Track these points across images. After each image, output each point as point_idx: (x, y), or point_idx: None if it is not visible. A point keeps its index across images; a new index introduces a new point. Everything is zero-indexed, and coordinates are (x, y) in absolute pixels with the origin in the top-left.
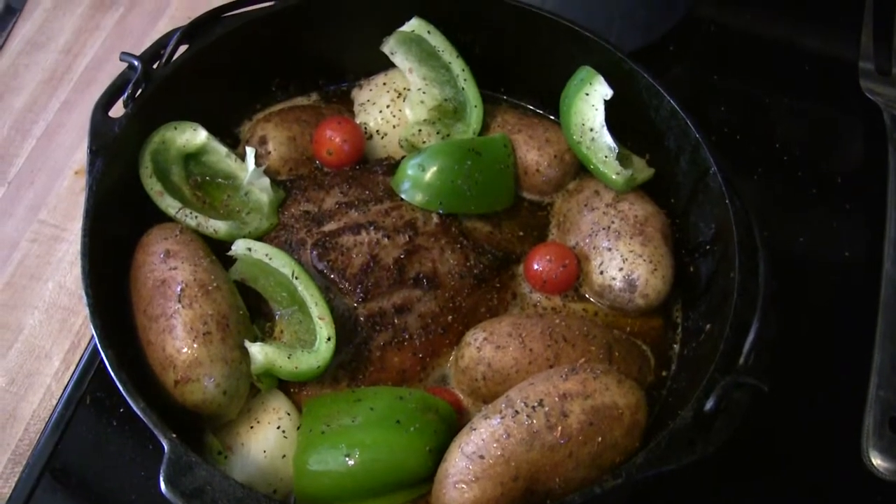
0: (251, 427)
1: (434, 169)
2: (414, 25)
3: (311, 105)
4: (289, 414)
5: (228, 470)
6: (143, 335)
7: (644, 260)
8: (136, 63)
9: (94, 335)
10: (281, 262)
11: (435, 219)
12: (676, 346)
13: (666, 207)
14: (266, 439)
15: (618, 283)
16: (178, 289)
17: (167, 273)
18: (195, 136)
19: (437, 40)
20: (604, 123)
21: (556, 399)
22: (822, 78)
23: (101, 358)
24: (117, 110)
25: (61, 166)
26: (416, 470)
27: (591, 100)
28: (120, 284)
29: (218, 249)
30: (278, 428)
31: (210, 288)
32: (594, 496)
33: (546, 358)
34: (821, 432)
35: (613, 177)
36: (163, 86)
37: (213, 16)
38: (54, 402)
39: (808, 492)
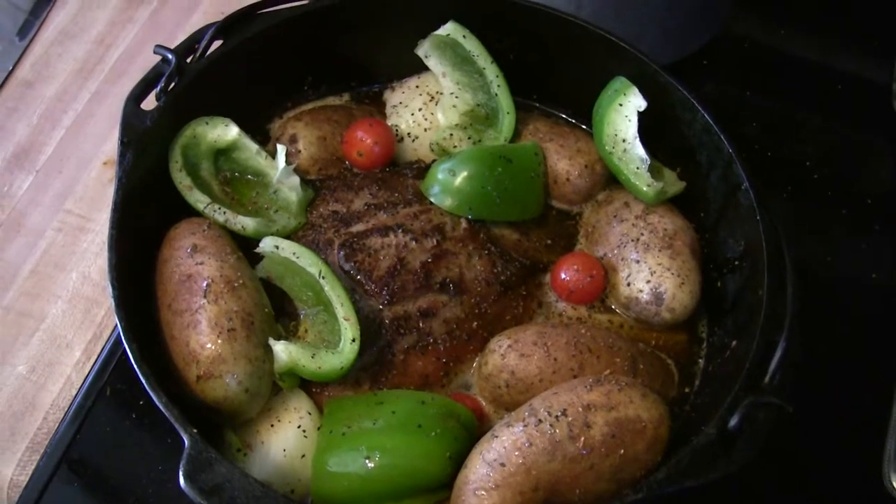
0: (272, 425)
1: (464, 174)
2: (449, 29)
3: (343, 105)
4: (310, 414)
5: (247, 468)
6: (167, 330)
7: (672, 273)
8: (170, 56)
9: (119, 327)
10: (308, 261)
11: (463, 224)
12: (701, 362)
13: (695, 222)
14: (286, 438)
15: (645, 296)
16: (204, 284)
17: (193, 268)
18: (227, 131)
19: (472, 45)
20: (636, 135)
21: (580, 409)
22: (855, 99)
23: (125, 350)
24: (149, 103)
25: (90, 157)
26: (435, 476)
27: (624, 111)
28: (145, 278)
29: (245, 246)
30: (299, 427)
31: (236, 284)
32: None
33: (570, 368)
34: (843, 455)
35: (644, 189)
36: (196, 80)
37: (248, 12)
38: (74, 392)
39: None
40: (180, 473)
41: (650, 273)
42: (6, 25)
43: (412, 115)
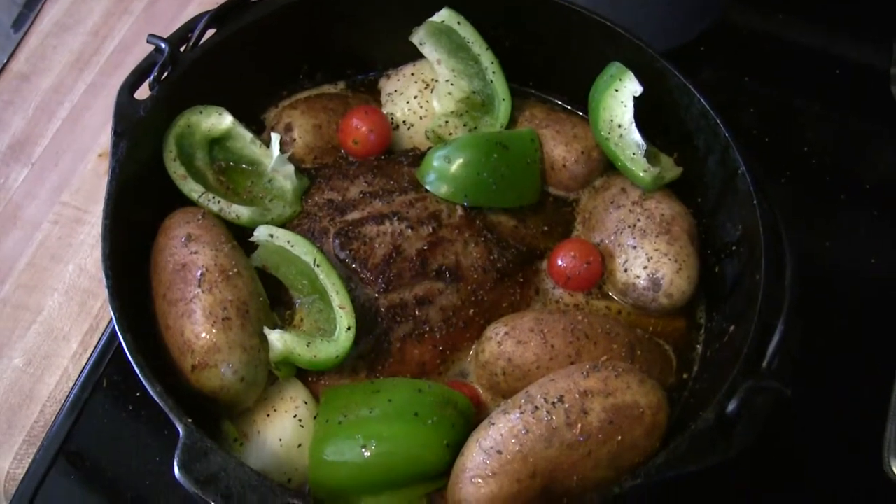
0: (268, 415)
1: (460, 161)
2: (444, 16)
3: (338, 94)
4: (306, 403)
5: (244, 458)
6: (162, 319)
7: (669, 259)
8: (163, 46)
9: (113, 317)
10: (303, 249)
11: (459, 211)
12: (699, 348)
13: (693, 207)
14: (283, 428)
15: (642, 282)
16: (199, 273)
17: (188, 257)
18: (220, 120)
19: (466, 32)
20: (633, 120)
21: (577, 396)
22: (853, 84)
23: (119, 340)
24: (143, 93)
25: (86, 149)
26: (432, 464)
27: (620, 96)
28: (140, 268)
29: (240, 235)
30: (295, 417)
31: (231, 274)
32: (613, 496)
33: (567, 355)
34: (842, 440)
35: (641, 174)
36: (190, 69)
37: (242, 1)
38: (71, 384)
39: (828, 501)
40: (175, 463)
41: (647, 259)
42: (1, 18)
43: (408, 102)
